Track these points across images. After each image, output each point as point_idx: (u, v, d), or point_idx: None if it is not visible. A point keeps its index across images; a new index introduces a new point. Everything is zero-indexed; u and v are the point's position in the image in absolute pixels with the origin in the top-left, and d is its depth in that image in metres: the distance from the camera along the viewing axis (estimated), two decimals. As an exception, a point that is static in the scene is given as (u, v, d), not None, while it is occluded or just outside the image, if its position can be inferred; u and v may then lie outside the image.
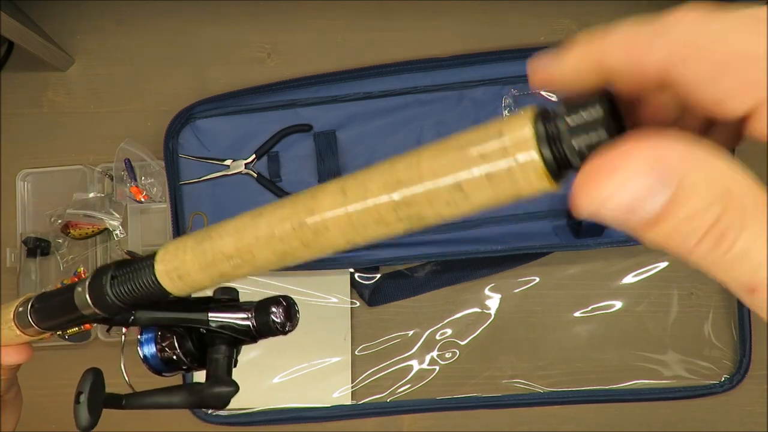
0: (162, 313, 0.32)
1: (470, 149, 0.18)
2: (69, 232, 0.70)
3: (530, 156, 0.17)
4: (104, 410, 0.32)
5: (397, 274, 0.71)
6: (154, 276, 0.27)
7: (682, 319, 0.70)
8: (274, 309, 0.31)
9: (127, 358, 0.33)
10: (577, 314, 0.70)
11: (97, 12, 0.75)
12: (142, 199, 0.69)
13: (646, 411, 0.69)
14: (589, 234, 0.64)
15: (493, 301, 0.71)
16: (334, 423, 0.69)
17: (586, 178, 0.15)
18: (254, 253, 0.24)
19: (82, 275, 0.70)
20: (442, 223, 0.20)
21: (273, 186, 0.67)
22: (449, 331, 0.70)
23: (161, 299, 0.29)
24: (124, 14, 0.75)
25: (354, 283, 0.70)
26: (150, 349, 0.33)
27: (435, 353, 0.70)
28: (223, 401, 0.31)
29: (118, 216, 0.70)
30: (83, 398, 0.31)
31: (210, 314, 0.31)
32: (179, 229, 0.68)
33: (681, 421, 0.70)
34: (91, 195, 0.71)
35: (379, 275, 0.70)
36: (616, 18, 0.20)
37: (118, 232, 0.70)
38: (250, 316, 0.31)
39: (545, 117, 0.17)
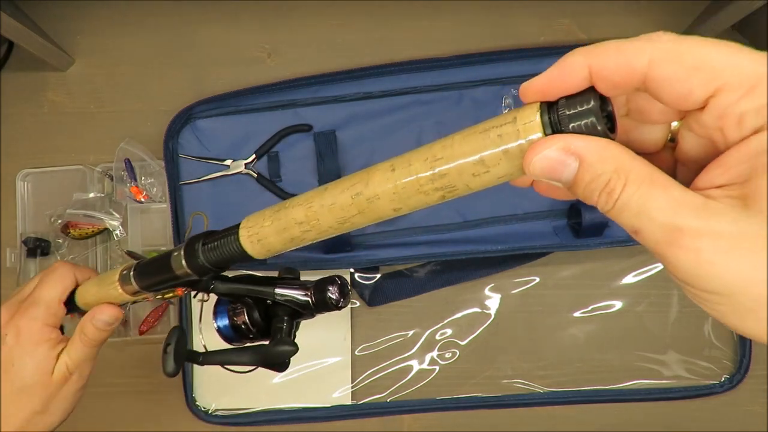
0: (237, 285, 0.38)
1: (491, 132, 0.23)
2: (69, 232, 0.70)
3: (536, 136, 0.22)
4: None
5: (397, 274, 0.71)
6: (239, 241, 0.33)
7: (682, 319, 0.70)
8: (330, 287, 0.37)
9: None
10: (577, 314, 0.70)
11: (97, 12, 0.75)
12: (142, 199, 0.69)
13: (646, 411, 0.69)
14: (589, 234, 0.64)
15: (493, 301, 0.71)
16: (334, 423, 0.69)
17: (527, 151, 0.22)
18: (320, 219, 0.29)
19: None
20: (468, 193, 0.25)
21: (273, 186, 0.67)
22: (449, 331, 0.70)
23: (243, 261, 0.34)
24: (124, 14, 0.75)
25: (354, 283, 0.70)
26: (223, 321, 0.39)
27: (435, 353, 0.70)
28: (284, 358, 0.38)
29: (118, 216, 0.70)
30: (170, 349, 0.38)
31: (276, 289, 0.38)
32: (179, 229, 0.68)
33: (681, 421, 0.70)
34: (91, 195, 0.71)
35: (379, 275, 0.70)
36: (616, 18, 0.21)
37: (118, 232, 0.70)
38: (309, 293, 0.37)
39: (550, 107, 0.22)
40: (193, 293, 0.39)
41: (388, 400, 0.70)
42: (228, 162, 0.68)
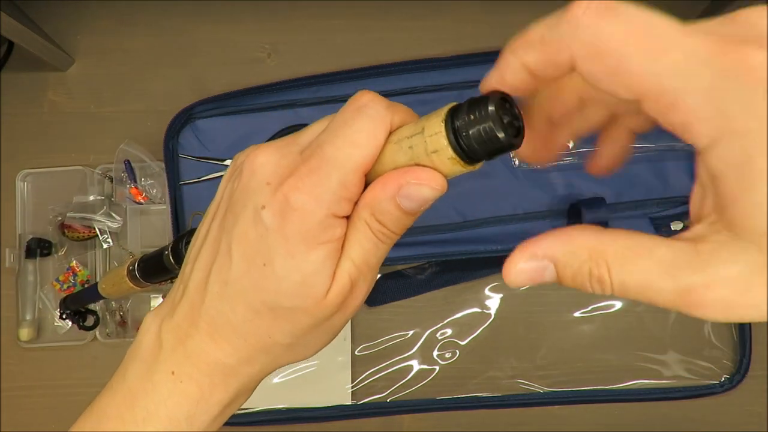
0: None
1: (403, 143, 0.23)
2: (65, 233, 0.70)
3: (441, 145, 0.22)
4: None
5: (397, 274, 0.71)
6: None
7: (682, 319, 0.70)
8: None
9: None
10: (577, 314, 0.70)
11: (97, 12, 0.75)
12: (142, 201, 0.69)
13: (646, 411, 0.69)
14: (589, 234, 0.64)
15: (493, 301, 0.71)
16: (334, 423, 0.69)
17: (504, 272, 0.21)
18: None
19: (75, 269, 0.71)
20: None
21: (273, 186, 0.67)
22: (449, 331, 0.70)
23: None
24: (124, 14, 0.75)
25: (354, 283, 0.70)
26: None
27: (435, 353, 0.70)
28: None
29: (118, 218, 0.70)
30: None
31: None
32: (179, 229, 0.68)
33: (681, 421, 0.70)
34: (91, 198, 0.71)
35: (379, 275, 0.70)
36: None
37: (106, 240, 0.70)
38: None
39: (455, 113, 0.21)
40: None
41: (388, 400, 0.70)
42: (228, 162, 0.68)
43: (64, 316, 0.62)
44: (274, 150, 0.25)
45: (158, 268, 0.41)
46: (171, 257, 0.38)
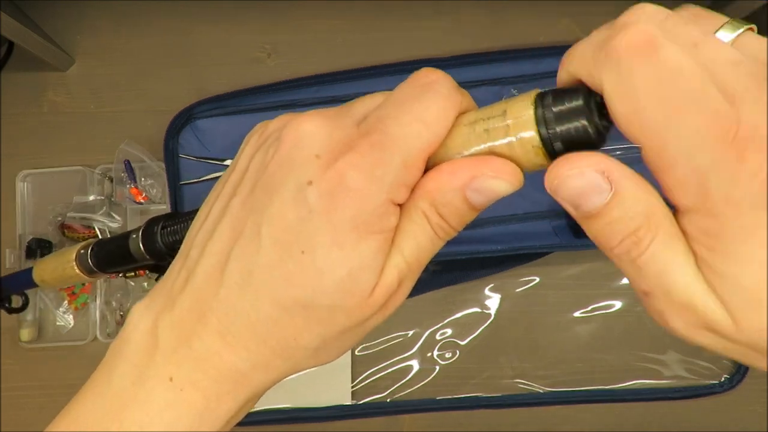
0: None
1: (477, 126, 0.20)
2: (65, 233, 0.70)
3: (527, 131, 0.19)
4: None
5: (397, 274, 0.71)
6: None
7: (682, 319, 0.70)
8: None
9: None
10: (577, 314, 0.70)
11: (97, 12, 0.75)
12: (142, 201, 0.69)
13: (646, 411, 0.69)
14: (589, 234, 0.64)
15: (493, 301, 0.71)
16: (334, 423, 0.69)
17: (556, 162, 0.18)
18: None
19: None
20: None
21: (273, 186, 0.67)
22: (449, 331, 0.70)
23: None
24: (124, 14, 0.75)
25: (354, 283, 0.70)
26: None
27: (435, 353, 0.70)
28: None
29: (118, 218, 0.70)
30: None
31: None
32: (179, 229, 0.68)
33: (681, 421, 0.70)
34: (91, 198, 0.71)
35: (379, 275, 0.70)
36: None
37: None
38: None
39: (542, 101, 0.19)
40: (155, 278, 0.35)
41: (388, 400, 0.70)
42: (228, 162, 0.68)
43: None
44: (324, 118, 0.21)
45: (121, 256, 0.34)
46: (141, 244, 0.32)
